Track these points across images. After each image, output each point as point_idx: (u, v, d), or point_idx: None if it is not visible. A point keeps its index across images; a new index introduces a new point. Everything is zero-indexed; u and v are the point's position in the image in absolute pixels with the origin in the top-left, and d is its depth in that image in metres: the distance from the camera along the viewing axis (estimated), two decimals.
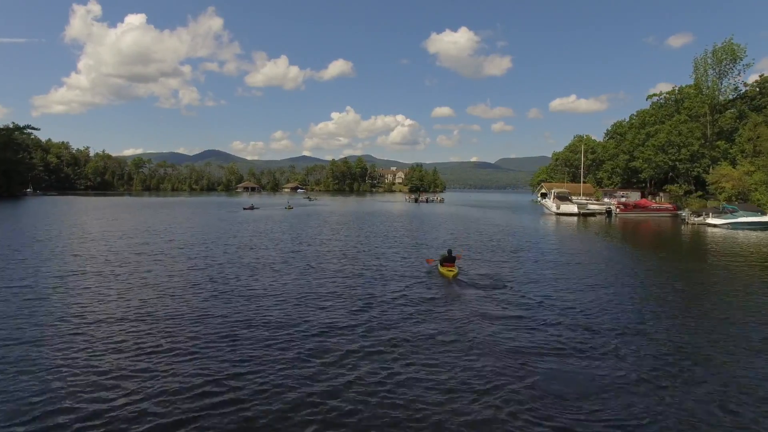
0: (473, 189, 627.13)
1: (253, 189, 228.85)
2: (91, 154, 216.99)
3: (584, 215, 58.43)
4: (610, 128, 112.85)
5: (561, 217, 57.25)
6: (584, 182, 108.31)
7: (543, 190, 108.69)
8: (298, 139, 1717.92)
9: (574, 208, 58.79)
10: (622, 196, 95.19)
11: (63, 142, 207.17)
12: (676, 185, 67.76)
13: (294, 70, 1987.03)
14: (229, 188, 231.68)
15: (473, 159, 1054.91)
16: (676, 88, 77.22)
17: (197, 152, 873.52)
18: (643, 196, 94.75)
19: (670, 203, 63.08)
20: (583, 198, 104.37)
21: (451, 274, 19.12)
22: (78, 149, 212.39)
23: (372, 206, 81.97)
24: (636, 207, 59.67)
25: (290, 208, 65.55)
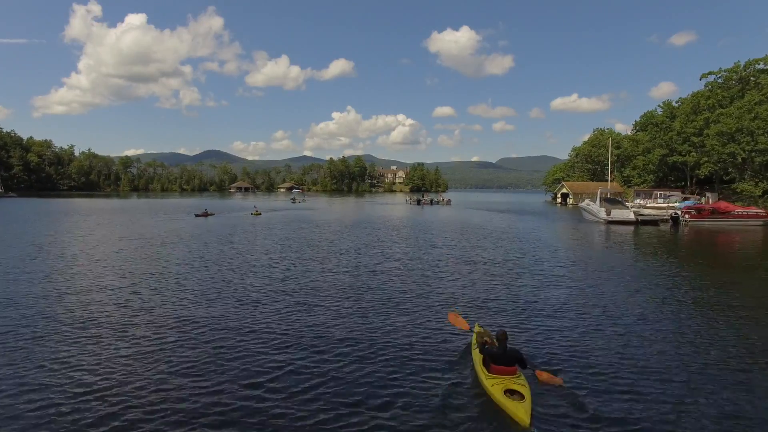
0: (474, 188, 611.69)
1: (246, 189, 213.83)
2: (77, 153, 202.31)
3: (642, 223, 43.03)
4: (639, 119, 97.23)
5: (612, 225, 41.88)
6: (611, 180, 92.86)
7: (564, 190, 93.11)
8: (299, 139, 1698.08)
9: (629, 215, 43.27)
10: (663, 196, 79.78)
11: (45, 140, 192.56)
12: (748, 183, 52.08)
13: (295, 70, 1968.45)
14: (221, 188, 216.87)
15: (474, 158, 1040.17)
16: (741, 63, 61.54)
17: (198, 152, 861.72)
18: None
19: (759, 207, 47.28)
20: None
21: (521, 412, 6.72)
22: (61, 148, 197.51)
23: (366, 210, 66.69)
24: (714, 213, 44.06)
25: (257, 213, 50.12)
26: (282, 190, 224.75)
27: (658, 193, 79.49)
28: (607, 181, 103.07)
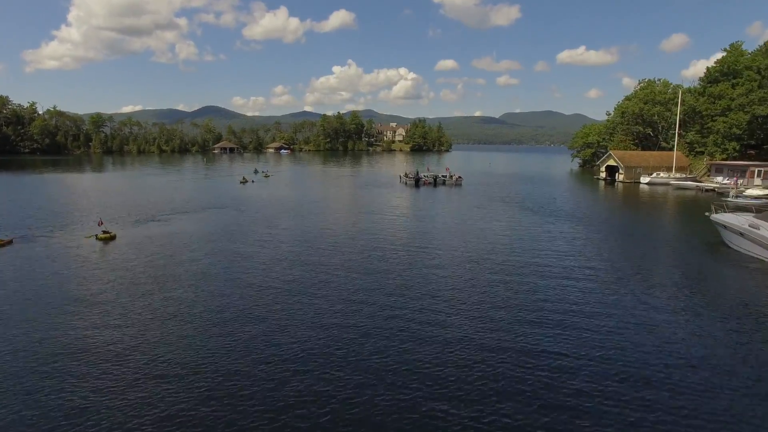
0: (477, 144, 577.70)
1: (231, 150, 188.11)
2: (40, 110, 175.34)
3: None
4: (711, 67, 70.25)
5: None
6: (675, 148, 67.35)
7: (611, 162, 67.85)
8: (299, 93, 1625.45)
9: None
10: (764, 175, 54.67)
11: (0, 96, 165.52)
12: None
13: (294, 22, 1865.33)
14: (205, 149, 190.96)
15: (477, 113, 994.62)
16: None
17: (197, 108, 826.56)
18: None
19: None
20: (687, 177, 62.88)
21: None
22: (20, 105, 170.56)
23: (336, 202, 42.83)
24: None
25: (106, 237, 25.45)
26: (270, 150, 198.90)
27: (758, 169, 54.44)
28: (662, 148, 77.58)
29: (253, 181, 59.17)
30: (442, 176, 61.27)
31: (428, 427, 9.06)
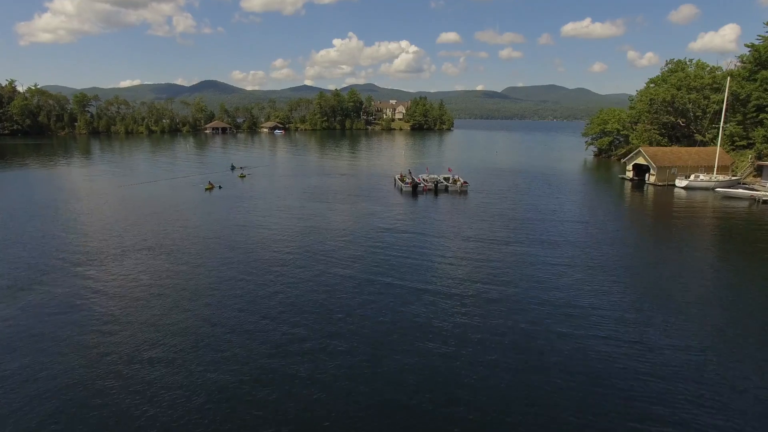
0: (479, 119, 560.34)
1: (224, 130, 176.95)
2: (21, 89, 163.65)
3: None
4: (761, 46, 58.79)
5: None
6: (719, 143, 56.94)
7: (639, 160, 57.41)
8: (299, 67, 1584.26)
9: None
10: None
11: None
12: None
13: None
14: (196, 129, 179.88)
15: (479, 87, 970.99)
16: None
17: (195, 83, 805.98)
18: None
19: None
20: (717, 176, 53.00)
21: None
22: None
23: (306, 234, 33.42)
24: None
25: None
26: (264, 130, 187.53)
27: None
28: (697, 142, 67.01)
29: (220, 187, 49.23)
30: (444, 179, 51.48)
31: None
